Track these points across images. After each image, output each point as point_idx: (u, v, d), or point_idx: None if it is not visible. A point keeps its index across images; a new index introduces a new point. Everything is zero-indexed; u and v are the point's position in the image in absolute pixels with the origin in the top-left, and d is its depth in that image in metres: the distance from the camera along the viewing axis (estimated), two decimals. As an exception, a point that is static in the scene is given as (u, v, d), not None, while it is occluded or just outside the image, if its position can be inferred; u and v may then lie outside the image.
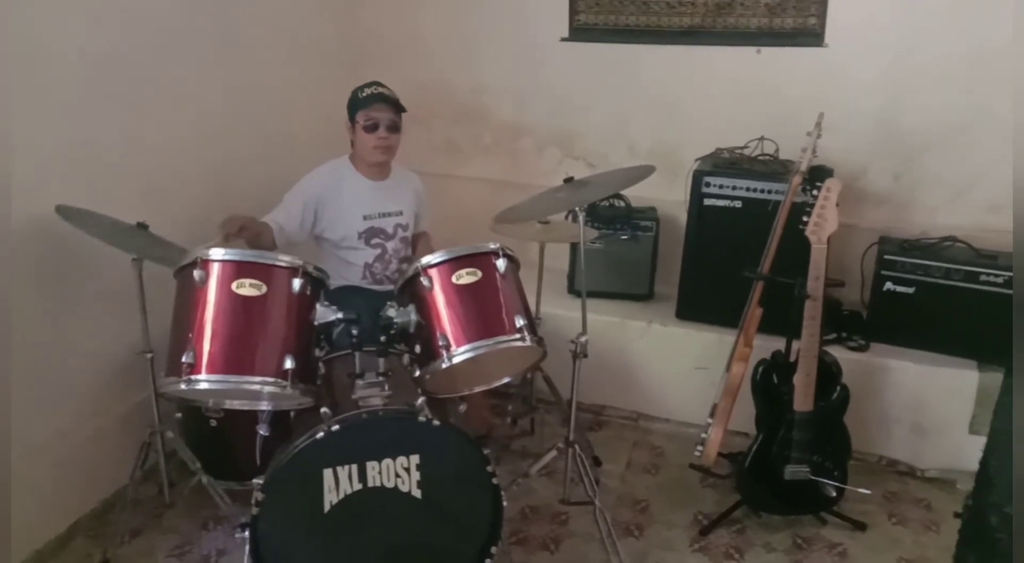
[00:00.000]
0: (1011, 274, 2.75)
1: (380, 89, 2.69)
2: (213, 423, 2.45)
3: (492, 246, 2.07)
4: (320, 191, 2.72)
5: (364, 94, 2.67)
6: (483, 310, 2.01)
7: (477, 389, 2.20)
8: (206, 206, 2.78)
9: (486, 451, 2.01)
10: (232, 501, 2.42)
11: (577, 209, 2.24)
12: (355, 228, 2.76)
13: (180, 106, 2.80)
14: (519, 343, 1.99)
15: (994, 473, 1.67)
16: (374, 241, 2.80)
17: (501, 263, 2.04)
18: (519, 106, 3.73)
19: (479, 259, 2.04)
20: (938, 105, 3.09)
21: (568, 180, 2.31)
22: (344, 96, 2.73)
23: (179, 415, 2.52)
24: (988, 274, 2.78)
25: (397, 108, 2.68)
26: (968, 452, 2.82)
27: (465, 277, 2.00)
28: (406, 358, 2.23)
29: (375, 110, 2.65)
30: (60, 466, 2.45)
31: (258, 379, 1.85)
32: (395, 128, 2.70)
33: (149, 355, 2.30)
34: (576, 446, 2.42)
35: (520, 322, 2.00)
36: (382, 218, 2.80)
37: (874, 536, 2.59)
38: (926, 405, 2.88)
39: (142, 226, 2.24)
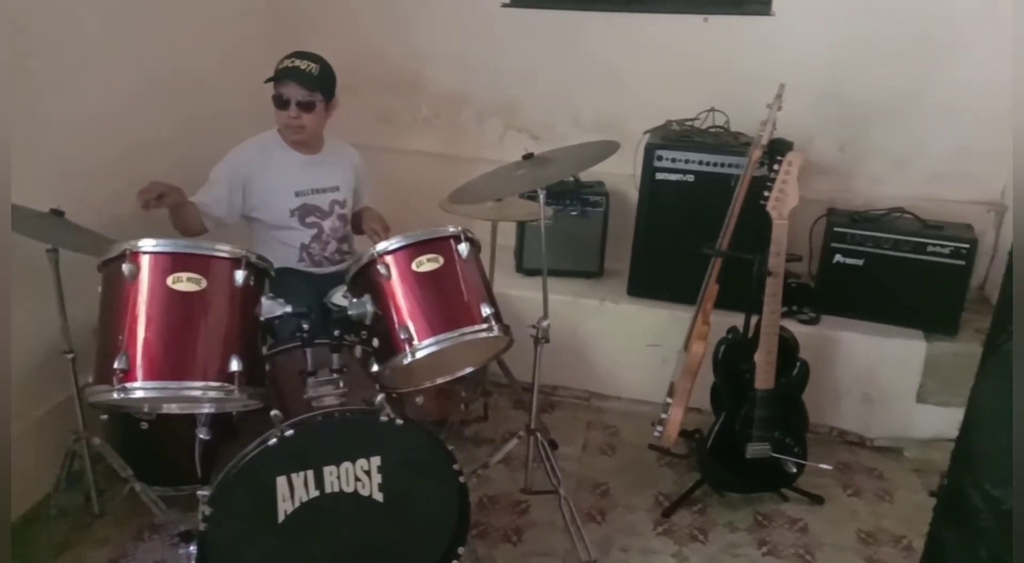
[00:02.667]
0: (957, 245, 2.78)
1: (297, 62, 2.48)
2: (144, 426, 2.26)
3: (452, 229, 1.93)
4: (246, 167, 2.53)
5: (280, 66, 2.47)
6: (447, 299, 1.87)
7: (439, 381, 2.07)
8: (123, 189, 2.52)
9: (451, 447, 1.89)
10: (168, 507, 2.24)
11: (539, 190, 2.11)
12: (287, 206, 2.58)
13: (87, 78, 2.52)
14: (486, 334, 1.86)
15: (976, 452, 1.66)
16: (309, 219, 2.63)
17: (463, 248, 1.90)
18: (458, 75, 3.56)
19: (439, 244, 1.90)
20: (882, 76, 3.08)
21: (528, 156, 2.18)
22: (270, 66, 2.52)
23: (105, 417, 2.32)
24: (935, 245, 2.80)
25: (313, 84, 2.47)
26: (915, 421, 2.91)
27: (426, 264, 1.85)
28: (358, 350, 2.08)
29: (285, 86, 2.47)
30: (-31, 479, 2.21)
31: (200, 384, 1.67)
32: (308, 107, 2.49)
33: (70, 355, 2.08)
34: (538, 434, 2.32)
35: (487, 311, 1.87)
36: (316, 194, 2.63)
37: (832, 509, 2.60)
38: (875, 376, 2.91)
39: (57, 213, 2.00)
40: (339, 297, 2.24)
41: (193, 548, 1.72)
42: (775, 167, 2.35)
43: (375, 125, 3.65)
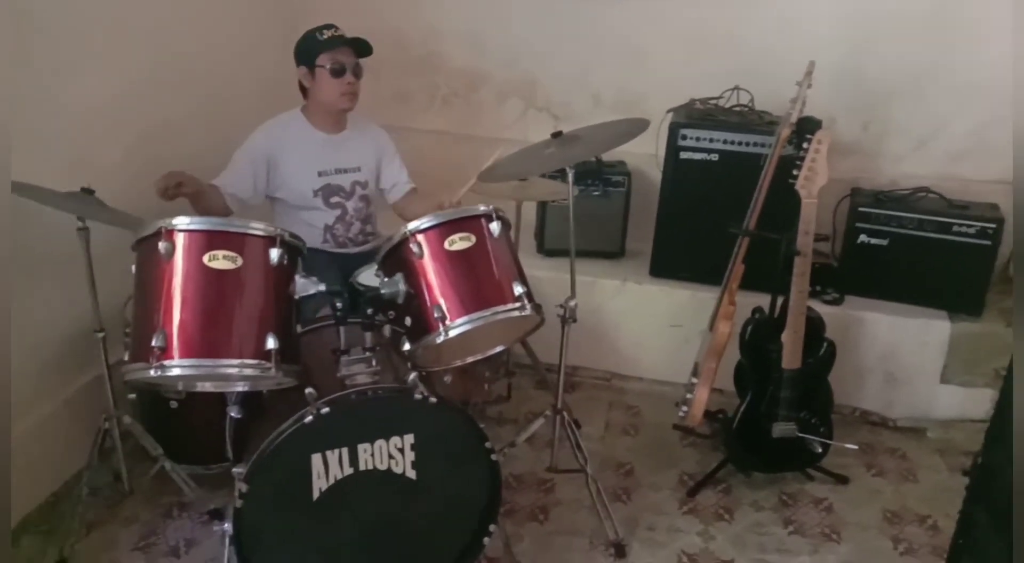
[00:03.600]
0: (983, 224, 2.76)
1: (338, 31, 2.51)
2: (174, 405, 2.26)
3: (484, 208, 1.92)
4: (269, 147, 2.53)
5: (325, 36, 2.47)
6: (479, 278, 1.86)
7: (469, 359, 2.06)
8: (144, 174, 2.52)
9: (482, 425, 1.90)
10: (196, 485, 2.25)
11: (567, 169, 2.10)
12: (310, 185, 2.57)
13: (99, 62, 2.49)
14: (519, 313, 1.86)
15: (1011, 431, 1.65)
16: (333, 199, 2.62)
17: (495, 226, 1.89)
18: (476, 54, 3.52)
19: (471, 222, 1.88)
20: (902, 53, 3.04)
21: (556, 135, 2.17)
22: (283, 48, 2.50)
23: (133, 396, 2.32)
24: (960, 225, 2.79)
25: (363, 48, 2.52)
26: (939, 401, 2.90)
27: (458, 243, 1.84)
28: (387, 329, 2.08)
29: (341, 53, 2.47)
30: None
31: (237, 362, 1.66)
32: (360, 72, 2.54)
33: (101, 334, 2.08)
34: (564, 413, 2.33)
35: (519, 289, 1.87)
36: (339, 174, 2.62)
37: (856, 489, 2.60)
38: (898, 356, 2.90)
39: (87, 191, 1.99)
40: (367, 276, 2.24)
41: (228, 525, 1.74)
42: (804, 145, 2.33)
43: (392, 105, 3.62)
